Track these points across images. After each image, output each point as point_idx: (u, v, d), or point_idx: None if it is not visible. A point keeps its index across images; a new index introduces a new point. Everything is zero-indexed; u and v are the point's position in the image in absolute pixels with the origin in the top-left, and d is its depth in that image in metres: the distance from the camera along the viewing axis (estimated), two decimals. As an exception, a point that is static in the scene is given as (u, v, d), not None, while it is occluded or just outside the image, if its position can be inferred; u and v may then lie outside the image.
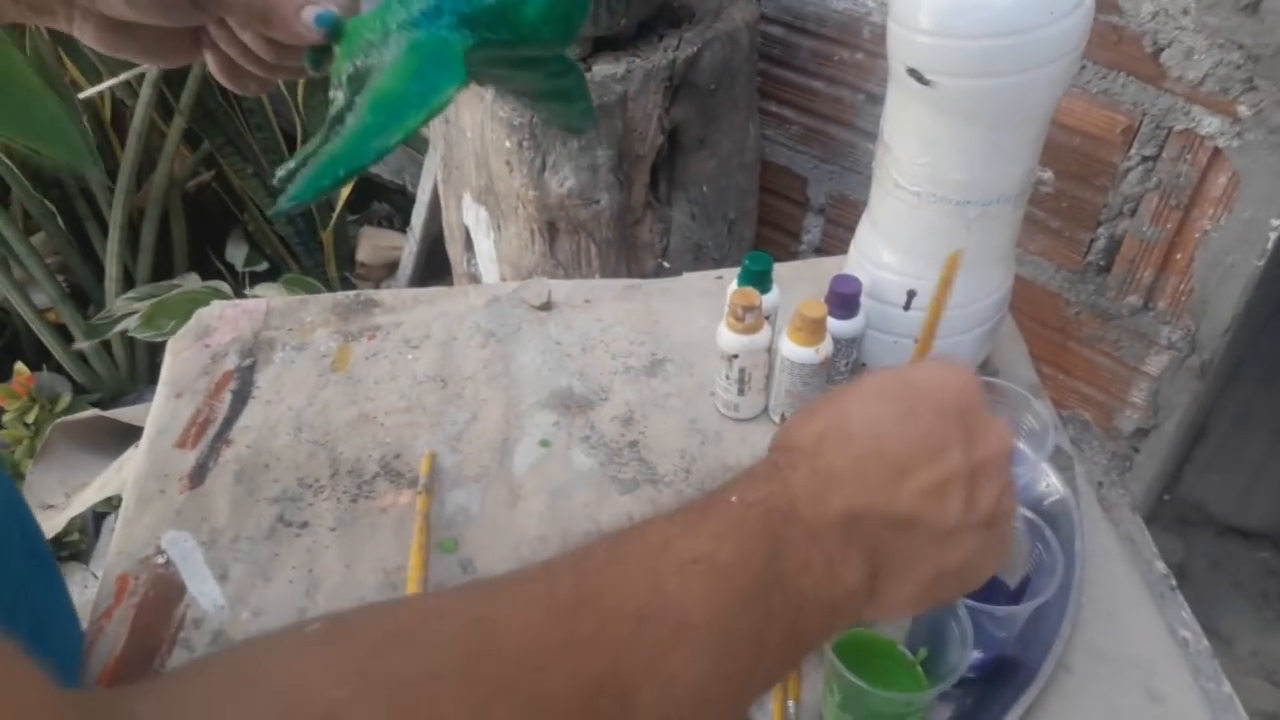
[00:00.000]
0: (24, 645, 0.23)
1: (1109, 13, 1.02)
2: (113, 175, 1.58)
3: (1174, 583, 0.65)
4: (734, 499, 0.40)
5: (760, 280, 0.75)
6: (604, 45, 1.13)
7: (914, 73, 0.64)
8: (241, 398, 0.81)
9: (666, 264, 1.29)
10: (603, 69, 1.10)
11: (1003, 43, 0.62)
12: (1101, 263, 1.17)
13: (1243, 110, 1.00)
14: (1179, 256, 1.11)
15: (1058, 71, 0.63)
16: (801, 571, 0.39)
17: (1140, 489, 1.29)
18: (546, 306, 0.89)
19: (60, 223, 1.64)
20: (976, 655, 0.59)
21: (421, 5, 0.46)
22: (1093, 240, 1.16)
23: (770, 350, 0.75)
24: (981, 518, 0.42)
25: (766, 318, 0.74)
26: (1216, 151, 1.03)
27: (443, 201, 1.45)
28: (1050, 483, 0.66)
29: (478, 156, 1.23)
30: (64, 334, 1.66)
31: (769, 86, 1.37)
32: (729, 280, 0.78)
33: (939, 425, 0.41)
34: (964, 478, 0.41)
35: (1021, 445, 0.65)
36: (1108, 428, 1.26)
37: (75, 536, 1.38)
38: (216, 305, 0.90)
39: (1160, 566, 0.65)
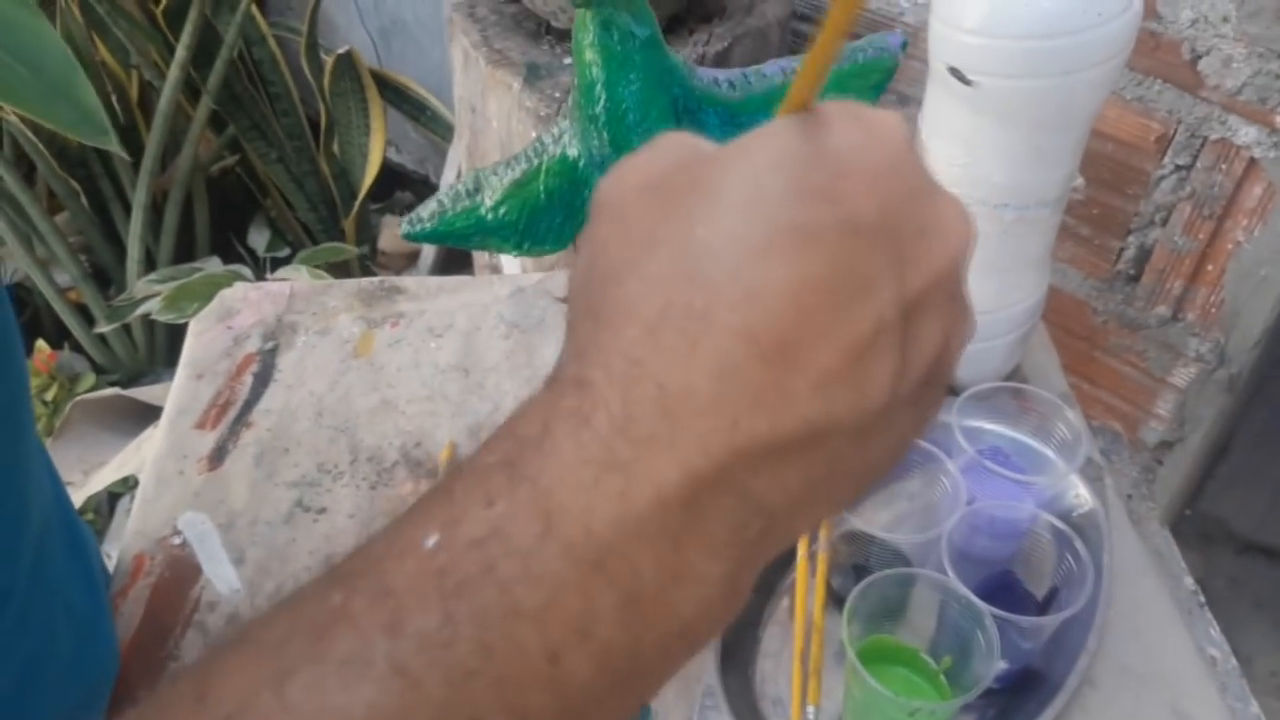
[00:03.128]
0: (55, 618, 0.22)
1: (1147, 18, 1.01)
2: (137, 157, 1.58)
3: (1202, 599, 0.63)
4: (432, 539, 0.24)
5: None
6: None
7: (956, 72, 0.63)
8: (263, 381, 0.81)
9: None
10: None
11: (1049, 44, 0.61)
12: (1131, 272, 1.16)
13: (1281, 121, 0.99)
14: (1210, 268, 1.10)
15: (1103, 75, 0.62)
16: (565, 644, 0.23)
17: (1162, 502, 1.28)
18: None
19: (84, 202, 1.64)
20: (1001, 666, 0.58)
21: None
22: (1123, 249, 1.15)
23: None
24: (922, 374, 0.25)
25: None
26: (1252, 162, 1.02)
27: (466, 192, 1.44)
28: (1080, 494, 0.65)
29: (503, 146, 1.22)
30: (85, 314, 1.67)
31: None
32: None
33: (857, 246, 0.24)
34: (895, 329, 0.24)
35: (1052, 455, 0.64)
36: (1132, 439, 1.25)
37: (90, 516, 1.38)
38: (240, 287, 0.89)
39: (1188, 582, 0.64)
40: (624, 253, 0.25)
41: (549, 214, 0.45)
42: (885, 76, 0.34)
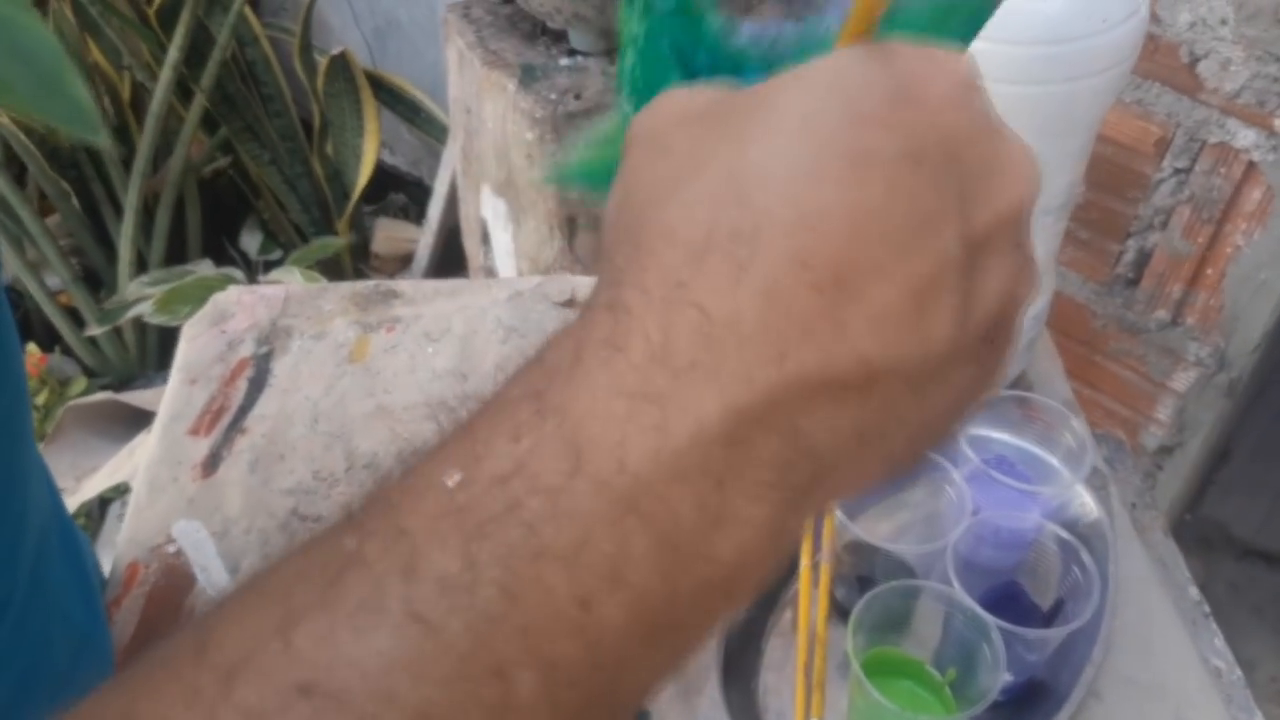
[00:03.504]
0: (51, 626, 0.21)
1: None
2: (129, 158, 1.57)
3: (1207, 609, 0.63)
4: (454, 477, 0.22)
5: None
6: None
7: (959, 76, 0.63)
8: (257, 386, 0.80)
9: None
10: (630, 64, 1.08)
11: (1053, 50, 0.60)
12: (1130, 275, 1.15)
13: (1279, 124, 0.98)
14: (1210, 271, 1.09)
15: (1107, 82, 0.62)
16: (599, 587, 0.21)
17: (1162, 508, 1.28)
18: (570, 303, 0.87)
19: (75, 204, 1.63)
20: (1006, 678, 0.57)
21: None
22: (1122, 252, 1.14)
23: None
24: (984, 325, 0.24)
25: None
26: (1251, 165, 1.02)
27: (461, 194, 1.44)
28: (1085, 503, 0.65)
29: (498, 148, 1.21)
30: (75, 317, 1.65)
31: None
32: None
33: (919, 177, 0.22)
34: (959, 268, 0.22)
35: (1058, 464, 0.63)
36: (1132, 444, 1.24)
37: (81, 521, 1.37)
38: (234, 290, 0.88)
39: (1193, 593, 0.64)
40: (667, 177, 0.24)
41: None
42: (974, 16, 0.30)
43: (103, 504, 1.42)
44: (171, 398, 0.80)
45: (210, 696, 0.20)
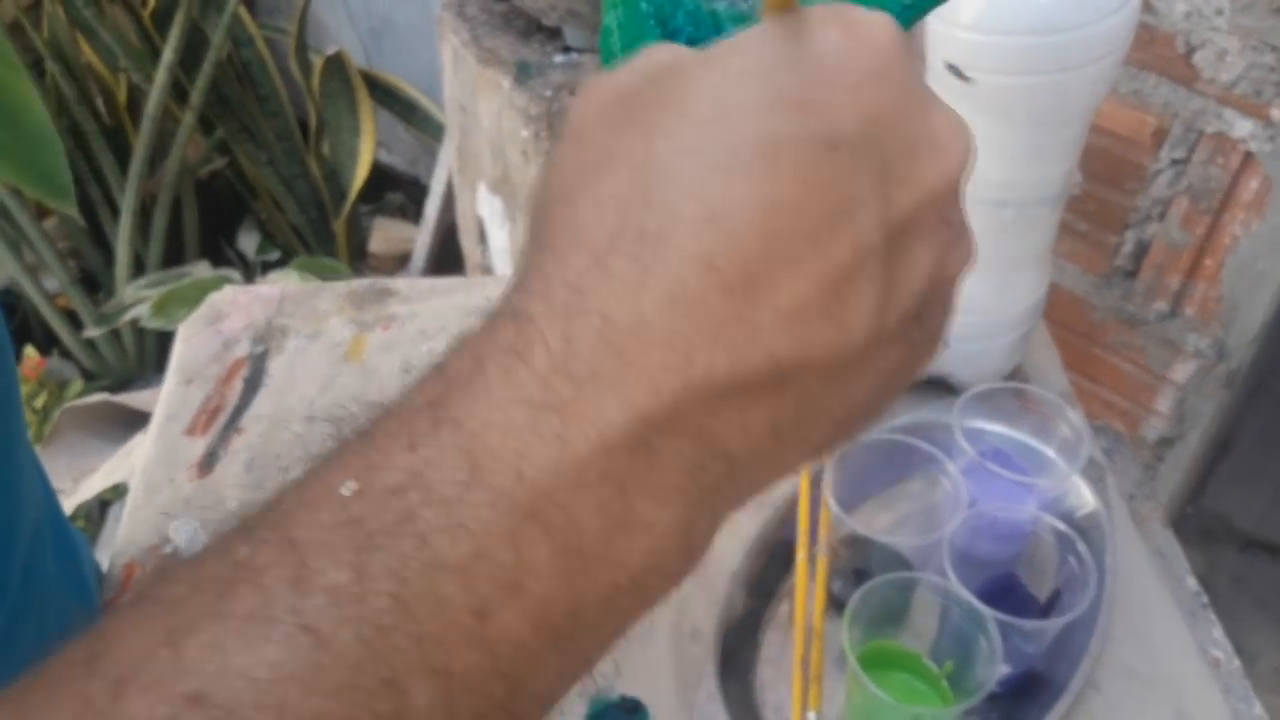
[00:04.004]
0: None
1: (1142, 12, 1.00)
2: (125, 161, 1.57)
3: (1205, 600, 0.63)
4: (348, 486, 0.22)
5: None
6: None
7: (953, 68, 0.62)
8: (253, 386, 0.80)
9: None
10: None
11: (1045, 40, 0.60)
12: (1129, 267, 1.15)
13: (1276, 114, 0.98)
14: (1208, 262, 1.09)
15: (1099, 72, 0.62)
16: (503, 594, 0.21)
17: (1163, 500, 1.27)
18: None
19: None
20: (1004, 670, 0.57)
21: None
22: (1120, 244, 1.14)
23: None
24: (910, 307, 0.23)
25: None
26: (1248, 155, 1.01)
27: (457, 192, 1.44)
28: (1082, 495, 0.64)
29: (494, 146, 1.21)
30: (73, 319, 1.65)
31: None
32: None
33: (834, 163, 0.21)
34: (878, 255, 0.22)
35: (1054, 456, 0.63)
36: (1132, 436, 1.24)
37: (80, 523, 1.37)
38: (229, 290, 0.88)
39: (1191, 583, 0.64)
40: (578, 173, 0.23)
41: None
42: None
43: (102, 505, 1.42)
44: (167, 398, 0.79)
45: (100, 706, 0.20)
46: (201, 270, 1.67)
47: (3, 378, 0.42)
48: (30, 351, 1.57)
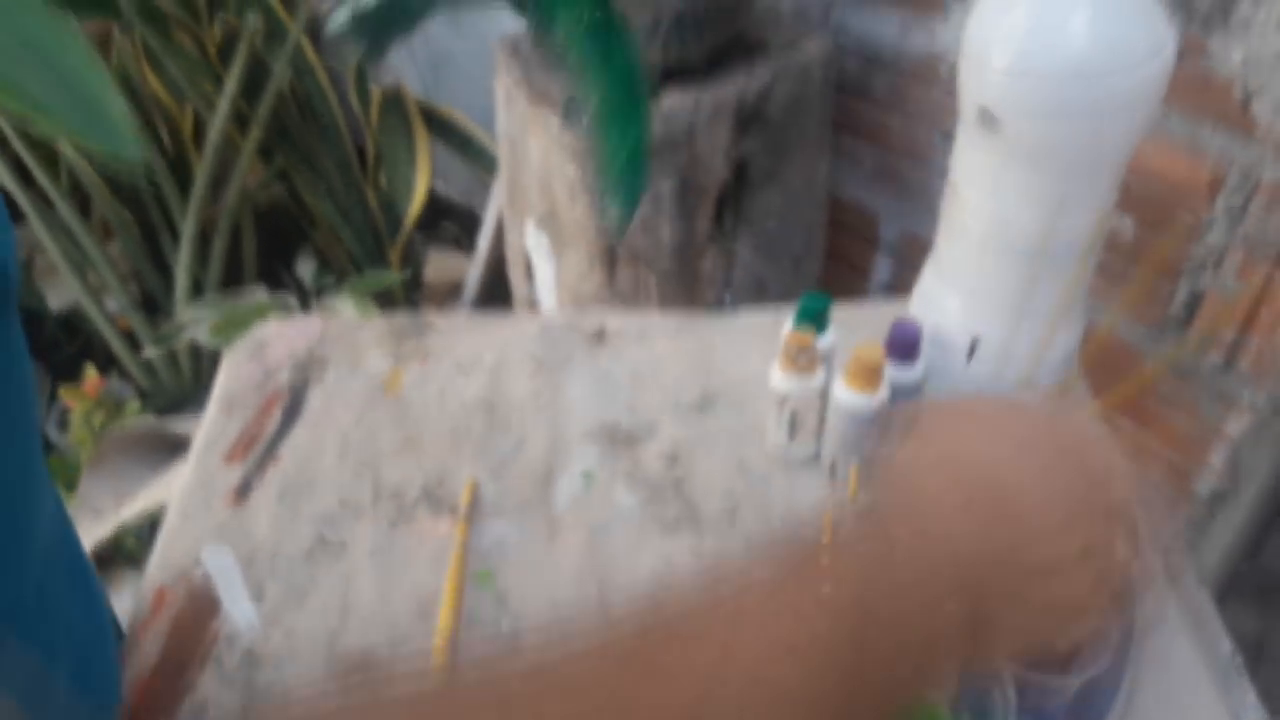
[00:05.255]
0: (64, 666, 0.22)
1: (1198, 57, 0.99)
2: (187, 188, 1.62)
3: (1240, 662, 0.61)
4: (823, 585, 0.34)
5: (816, 320, 0.73)
6: (674, 76, 1.12)
7: (985, 112, 0.62)
8: (291, 416, 0.81)
9: (729, 298, 1.27)
10: (672, 101, 1.09)
11: (1078, 85, 0.59)
12: (1182, 317, 1.12)
13: (1337, 164, 0.95)
14: (1264, 314, 1.06)
15: (1133, 119, 0.61)
16: (894, 628, 0.34)
17: (1216, 556, 1.23)
18: (600, 337, 0.88)
19: (136, 232, 1.68)
20: (1025, 729, 0.56)
21: None
22: (1173, 293, 1.12)
23: (824, 394, 0.72)
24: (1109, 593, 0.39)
25: (822, 360, 0.72)
26: (1308, 206, 0.99)
27: (507, 226, 1.45)
28: (1114, 549, 0.63)
29: (541, 182, 1.22)
30: (133, 341, 1.70)
31: (843, 119, 1.35)
32: (786, 319, 0.76)
33: (1081, 493, 0.38)
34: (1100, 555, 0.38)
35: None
36: (1184, 490, 1.21)
37: (130, 542, 1.40)
38: (274, 322, 0.90)
39: (1226, 645, 0.61)
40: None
41: None
42: None
43: (153, 526, 1.45)
44: (208, 425, 0.81)
45: None
46: (259, 295, 1.70)
47: (20, 395, 0.44)
48: (90, 371, 1.61)
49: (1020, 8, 0.61)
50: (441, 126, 1.84)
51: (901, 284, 1.43)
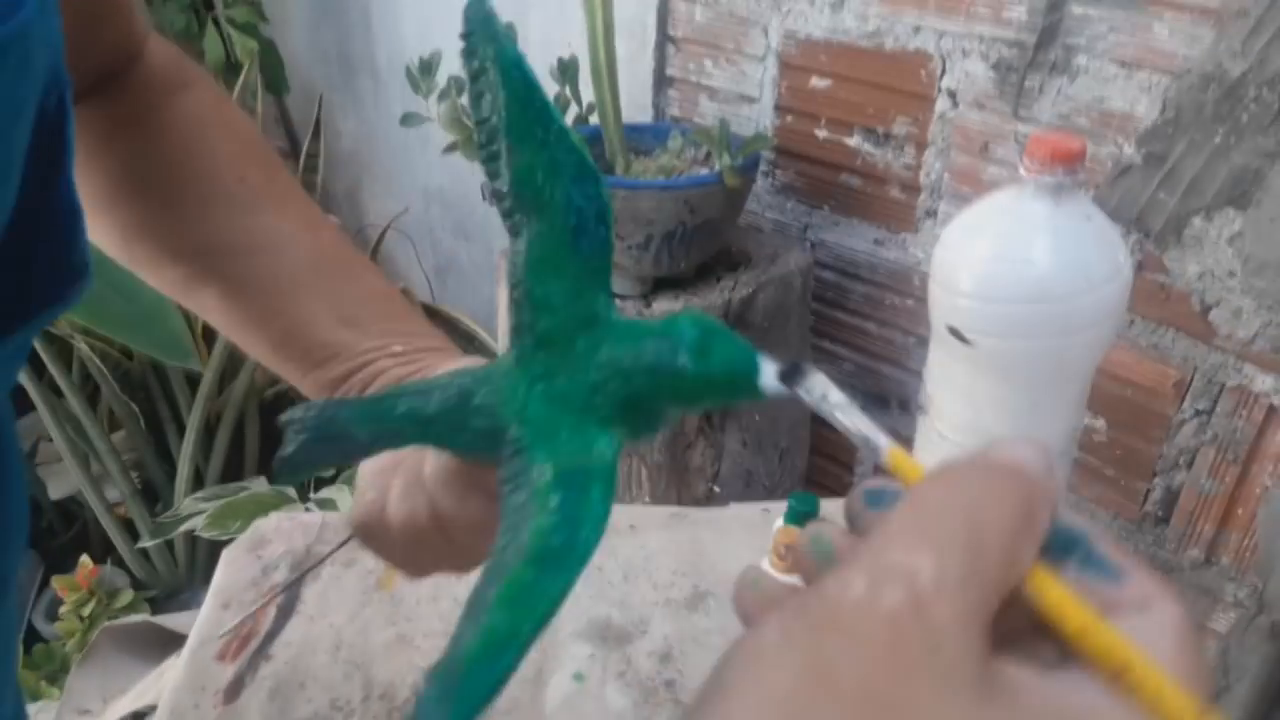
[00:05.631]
0: None
1: (1155, 271, 1.05)
2: (195, 382, 1.66)
3: None
4: None
5: (805, 520, 0.76)
6: (664, 285, 1.19)
7: (954, 332, 0.67)
8: (286, 612, 0.82)
9: (717, 489, 1.30)
10: (662, 305, 1.15)
11: (1041, 308, 0.64)
12: (1160, 513, 1.15)
13: (1296, 370, 1.00)
14: (1240, 511, 1.09)
15: (1095, 336, 0.65)
16: None
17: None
18: (592, 535, 0.90)
19: (142, 424, 1.72)
20: None
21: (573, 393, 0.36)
22: (1149, 490, 1.15)
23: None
24: None
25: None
26: (1272, 409, 1.03)
27: (504, 420, 1.49)
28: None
29: (539, 380, 1.27)
30: (130, 529, 1.71)
31: (822, 326, 1.42)
32: (775, 514, 0.79)
33: None
34: None
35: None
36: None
37: (112, 739, 1.37)
38: (274, 517, 0.92)
39: None
40: None
41: None
42: None
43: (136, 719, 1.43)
44: (203, 622, 0.82)
45: None
46: (259, 485, 1.73)
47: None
48: (85, 560, 1.61)
49: (985, 236, 0.67)
50: (447, 326, 1.91)
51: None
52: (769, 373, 0.33)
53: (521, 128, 0.36)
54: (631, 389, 0.35)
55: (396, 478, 0.44)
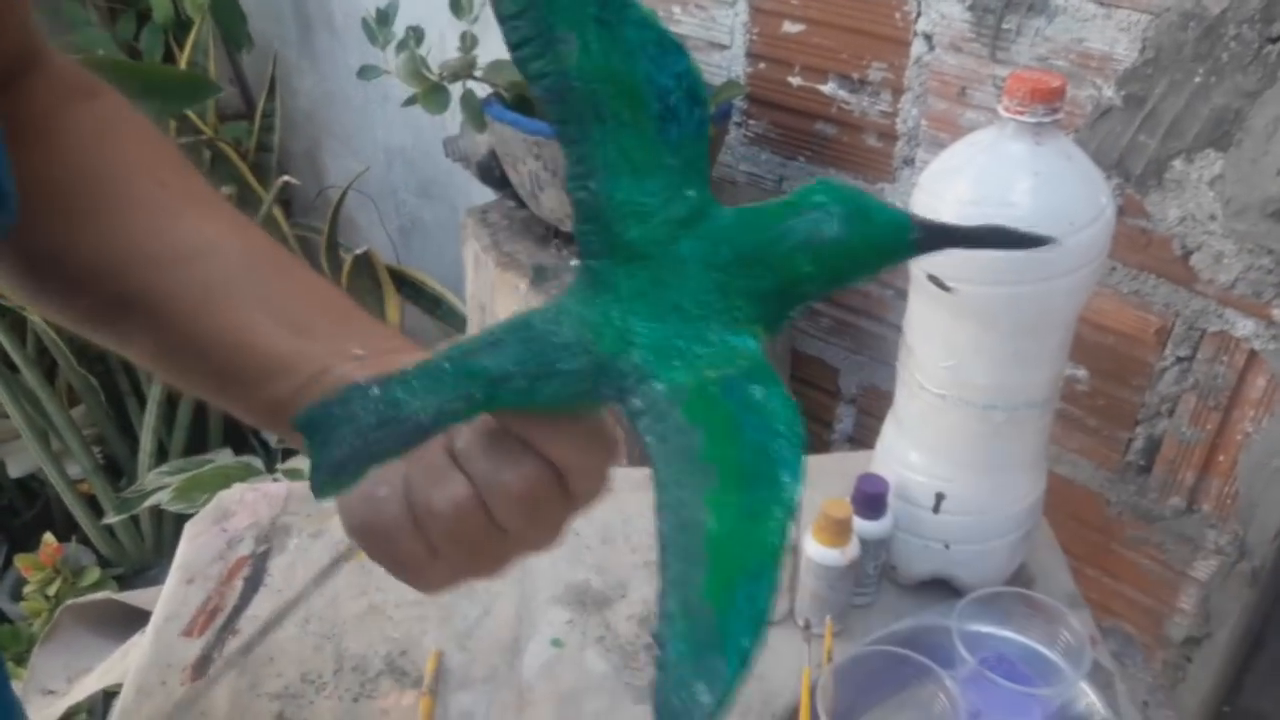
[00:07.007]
0: None
1: (1136, 216, 1.03)
2: (157, 351, 1.62)
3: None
4: None
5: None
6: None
7: (935, 279, 0.64)
8: (253, 585, 0.80)
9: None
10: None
11: (1022, 252, 0.62)
12: (1142, 462, 1.14)
13: (1277, 314, 0.99)
14: (1221, 458, 1.08)
15: (1078, 281, 0.63)
16: None
17: (1195, 700, 1.22)
18: (567, 498, 0.87)
19: (102, 397, 1.67)
20: None
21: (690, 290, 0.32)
22: (1131, 439, 1.14)
23: (793, 551, 0.72)
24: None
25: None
26: (1253, 354, 1.02)
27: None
28: (1090, 702, 0.62)
29: (510, 342, 1.24)
30: (94, 506, 1.67)
31: (800, 279, 1.39)
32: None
33: None
34: None
35: (1059, 661, 0.62)
36: (1157, 635, 1.20)
37: (83, 718, 1.34)
38: (237, 489, 0.89)
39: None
40: None
41: None
42: None
43: (107, 698, 1.40)
44: (168, 597, 0.79)
45: None
46: (224, 457, 1.69)
47: None
48: (48, 538, 1.57)
49: (964, 178, 0.64)
50: (412, 289, 1.87)
51: (864, 434, 1.45)
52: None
53: (571, 7, 0.30)
54: (780, 275, 0.32)
55: (410, 466, 0.38)
